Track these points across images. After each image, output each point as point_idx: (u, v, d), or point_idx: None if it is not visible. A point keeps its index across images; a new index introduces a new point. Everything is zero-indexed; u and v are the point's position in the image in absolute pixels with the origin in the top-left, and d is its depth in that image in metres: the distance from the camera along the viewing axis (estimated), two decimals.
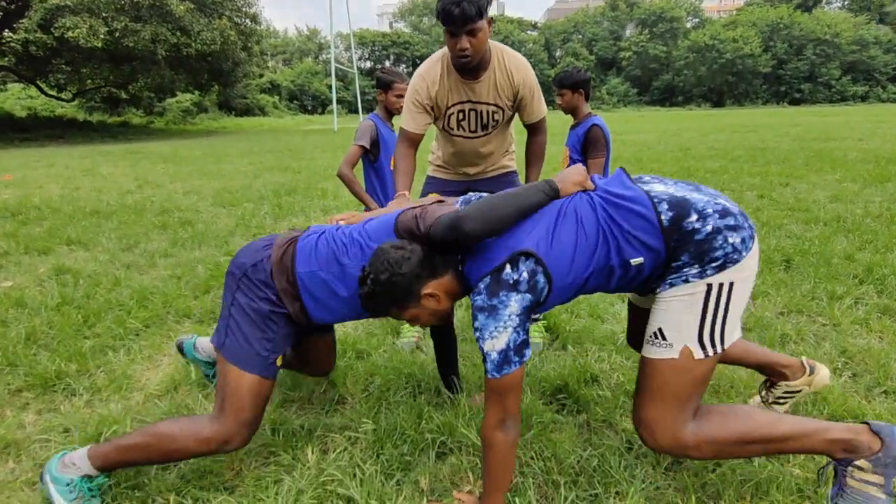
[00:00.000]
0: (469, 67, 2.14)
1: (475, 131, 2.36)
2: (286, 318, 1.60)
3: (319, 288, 1.55)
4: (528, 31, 61.30)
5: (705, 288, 1.31)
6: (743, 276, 1.32)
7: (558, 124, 9.19)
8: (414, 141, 2.31)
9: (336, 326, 2.80)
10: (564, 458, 1.70)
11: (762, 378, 1.93)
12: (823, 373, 1.82)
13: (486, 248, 1.36)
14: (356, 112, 36.67)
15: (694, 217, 1.29)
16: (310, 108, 49.66)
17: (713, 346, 1.34)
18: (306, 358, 1.97)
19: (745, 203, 5.52)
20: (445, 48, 2.18)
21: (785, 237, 4.12)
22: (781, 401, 1.86)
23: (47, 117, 24.89)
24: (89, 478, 1.53)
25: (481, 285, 1.33)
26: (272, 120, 37.23)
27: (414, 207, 1.56)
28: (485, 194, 1.57)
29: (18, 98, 29.85)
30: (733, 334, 1.37)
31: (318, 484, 1.61)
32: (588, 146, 2.97)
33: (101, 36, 17.54)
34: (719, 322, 1.33)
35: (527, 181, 2.47)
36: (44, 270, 3.78)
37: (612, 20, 59.48)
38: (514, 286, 1.30)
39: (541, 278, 1.32)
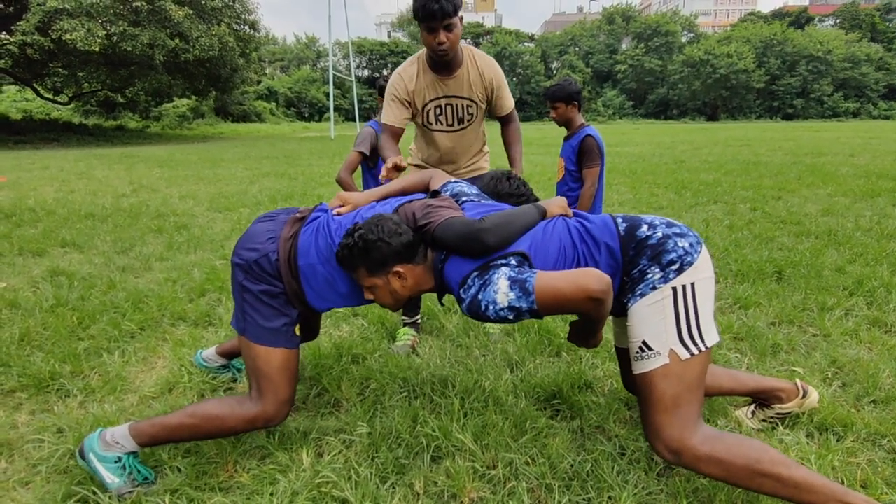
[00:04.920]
0: (445, 61, 2.31)
1: (452, 125, 2.52)
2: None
3: (319, 280, 1.64)
4: (525, 43, 61.79)
5: (671, 292, 1.42)
6: (701, 276, 1.44)
7: (553, 136, 9.28)
8: (395, 134, 2.46)
9: (332, 331, 2.82)
10: (558, 463, 1.71)
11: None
12: (814, 396, 1.90)
13: None
14: (353, 120, 36.78)
15: (645, 227, 1.49)
16: (307, 115, 49.74)
17: (695, 344, 1.42)
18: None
19: (738, 215, 5.58)
20: (421, 51, 2.40)
21: (777, 249, 4.16)
22: (770, 420, 1.91)
23: (43, 120, 24.80)
24: (135, 454, 1.64)
25: (468, 280, 1.44)
26: (269, 126, 37.25)
27: (414, 202, 1.66)
28: (464, 183, 1.80)
29: (14, 100, 29.77)
30: (711, 334, 1.44)
31: (312, 486, 1.62)
32: (582, 156, 3.01)
33: (99, 40, 17.54)
34: (693, 321, 1.42)
35: (511, 161, 2.67)
36: (38, 272, 3.77)
37: (609, 33, 60.14)
38: (504, 265, 1.43)
39: (526, 267, 1.45)
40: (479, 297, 1.39)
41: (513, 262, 1.43)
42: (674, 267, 1.42)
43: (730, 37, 55.13)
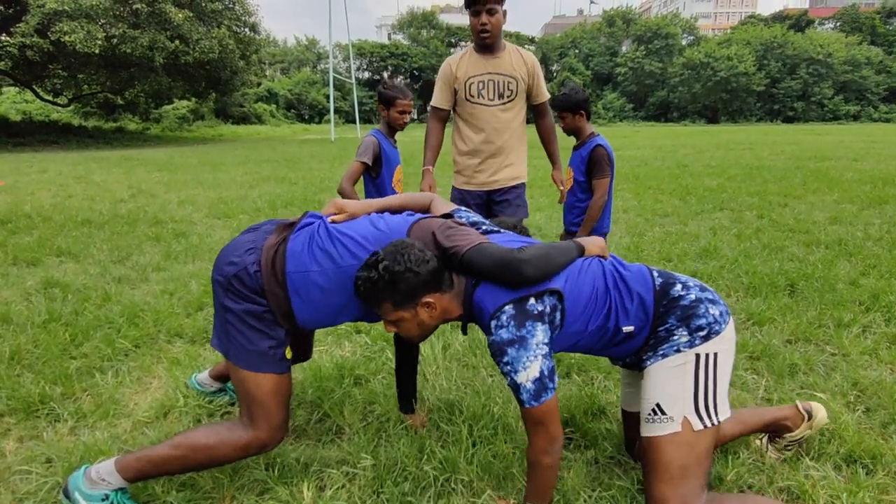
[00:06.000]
0: (487, 44, 2.68)
1: (493, 100, 2.77)
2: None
3: (312, 289, 1.50)
4: (526, 46, 61.76)
5: (694, 358, 1.40)
6: (725, 347, 1.42)
7: (561, 144, 9.18)
8: (442, 117, 2.90)
9: (333, 349, 2.72)
10: (574, 500, 1.62)
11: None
12: (821, 414, 1.83)
13: None
14: (353, 122, 36.71)
15: (679, 286, 1.47)
16: (307, 117, 49.70)
17: (709, 416, 1.39)
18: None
19: (745, 223, 5.49)
20: (472, 43, 2.79)
21: (787, 260, 4.07)
22: (788, 449, 1.84)
23: (42, 122, 24.68)
24: (123, 490, 1.55)
25: (503, 316, 1.37)
26: (269, 128, 37.14)
27: (429, 217, 1.58)
28: (475, 214, 1.73)
29: (13, 102, 29.70)
30: (724, 407, 1.42)
31: None
32: (592, 167, 2.92)
33: (99, 42, 17.48)
34: (711, 392, 1.40)
35: (551, 156, 3.03)
36: (32, 283, 3.68)
37: (609, 36, 60.07)
38: (540, 317, 1.37)
39: (557, 315, 1.41)
40: (509, 351, 1.34)
41: (547, 308, 1.38)
42: (701, 333, 1.40)
43: (730, 39, 55.09)
